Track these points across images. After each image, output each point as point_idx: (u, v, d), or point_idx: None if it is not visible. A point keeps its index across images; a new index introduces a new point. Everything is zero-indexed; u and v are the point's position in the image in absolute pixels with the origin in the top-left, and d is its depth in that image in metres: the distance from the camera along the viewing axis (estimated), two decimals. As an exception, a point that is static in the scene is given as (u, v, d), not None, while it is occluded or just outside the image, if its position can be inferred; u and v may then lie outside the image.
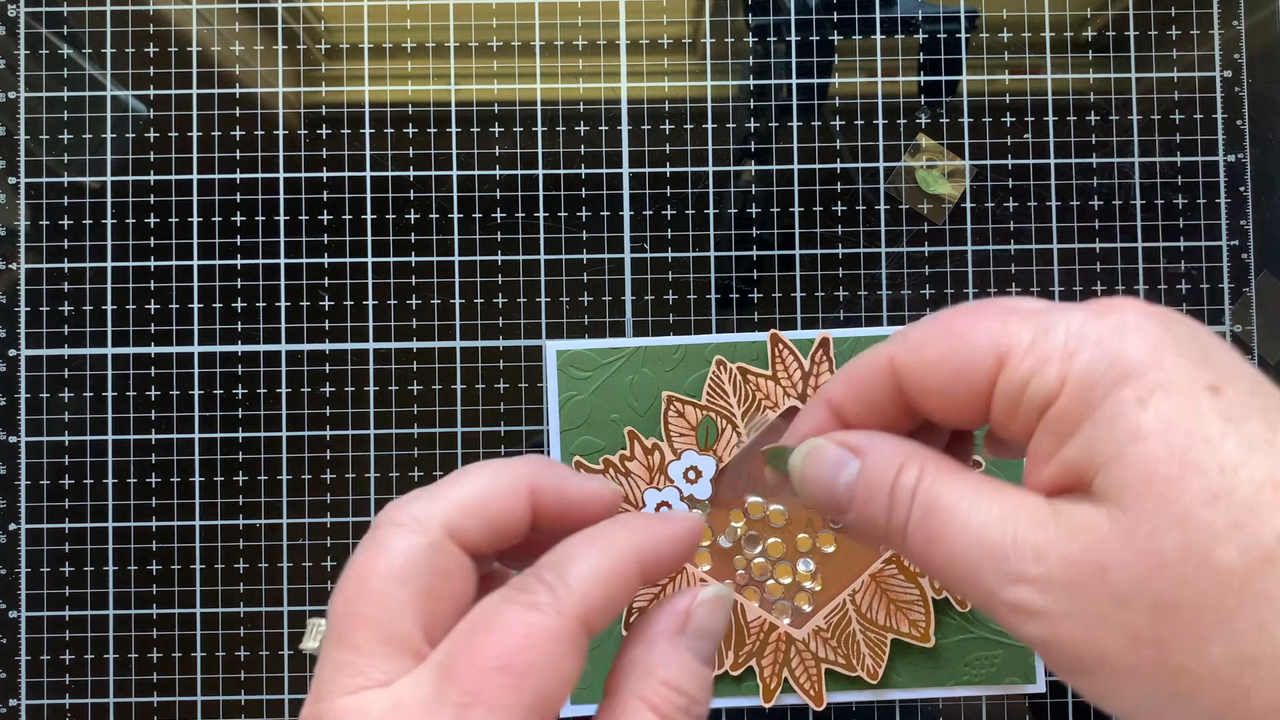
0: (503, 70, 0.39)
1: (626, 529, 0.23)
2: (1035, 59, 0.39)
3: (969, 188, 0.39)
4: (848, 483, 0.23)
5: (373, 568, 0.22)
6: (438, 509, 0.22)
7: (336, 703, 0.20)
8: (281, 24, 0.39)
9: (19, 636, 0.38)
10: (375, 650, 0.21)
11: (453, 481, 0.23)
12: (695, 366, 0.37)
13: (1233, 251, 0.39)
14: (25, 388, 0.38)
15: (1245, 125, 0.39)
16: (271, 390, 0.38)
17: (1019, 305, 0.22)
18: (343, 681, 0.21)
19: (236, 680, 0.38)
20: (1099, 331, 0.20)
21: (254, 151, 0.39)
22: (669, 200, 0.39)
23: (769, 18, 0.39)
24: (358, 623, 0.21)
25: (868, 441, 0.23)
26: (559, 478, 0.24)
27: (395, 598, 0.21)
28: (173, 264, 0.39)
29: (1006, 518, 0.21)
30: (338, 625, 0.21)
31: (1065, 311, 0.21)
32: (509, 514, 0.23)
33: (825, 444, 0.24)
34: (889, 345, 0.24)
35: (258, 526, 0.38)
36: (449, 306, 0.38)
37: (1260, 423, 0.19)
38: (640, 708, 0.23)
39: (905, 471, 0.22)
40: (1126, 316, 0.20)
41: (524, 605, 0.21)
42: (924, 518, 0.22)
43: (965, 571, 0.21)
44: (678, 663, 0.24)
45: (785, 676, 0.36)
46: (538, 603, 0.21)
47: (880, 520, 0.23)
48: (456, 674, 0.20)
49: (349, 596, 0.21)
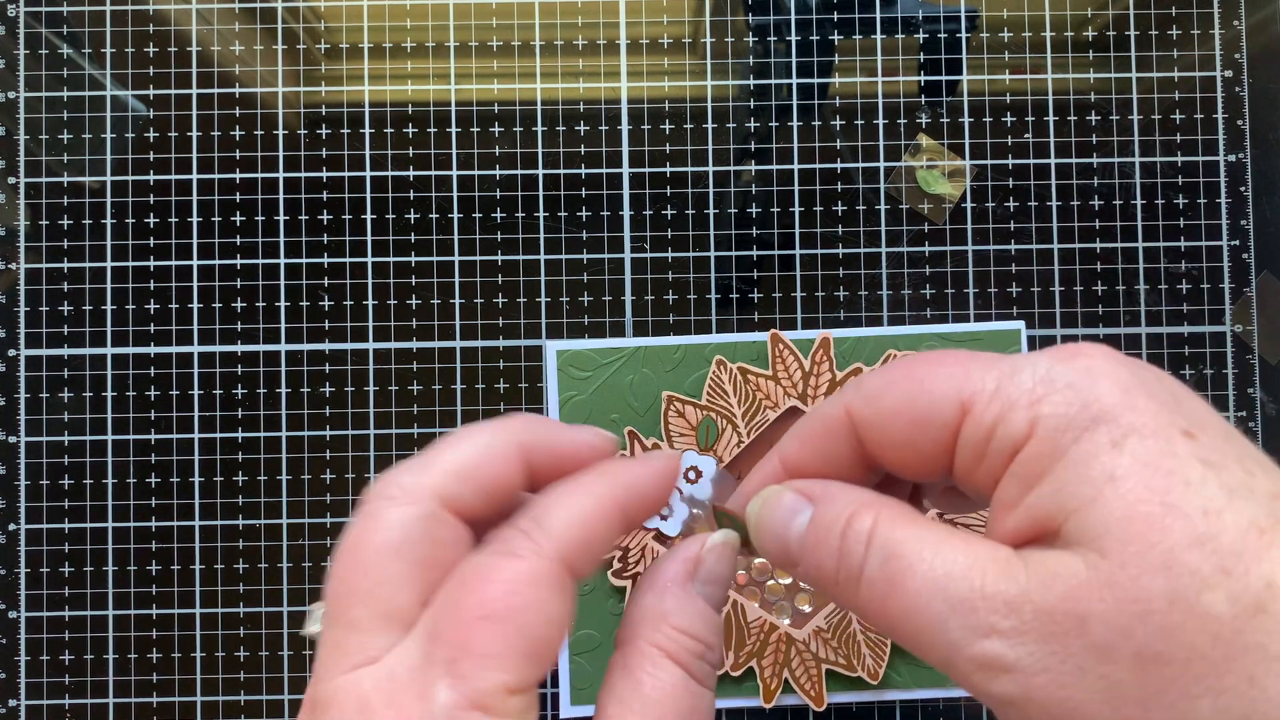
0: (503, 70, 0.39)
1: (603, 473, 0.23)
2: (1035, 59, 0.39)
3: (969, 188, 0.39)
4: (799, 531, 0.22)
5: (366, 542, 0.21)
6: (428, 478, 0.22)
7: (332, 683, 0.20)
8: (281, 24, 0.39)
9: (19, 636, 0.38)
10: (372, 627, 0.20)
11: (441, 449, 0.22)
12: (695, 366, 0.37)
13: (1233, 251, 0.39)
14: (25, 388, 0.38)
15: (1245, 125, 0.39)
16: (271, 390, 0.38)
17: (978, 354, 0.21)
18: (339, 661, 0.20)
19: (236, 680, 0.38)
20: (1068, 376, 0.20)
21: (254, 151, 0.39)
22: (669, 200, 0.39)
23: (769, 18, 0.39)
24: (354, 600, 0.21)
25: (823, 489, 0.23)
26: (549, 433, 0.24)
27: (391, 572, 0.21)
28: (173, 264, 0.39)
29: (973, 567, 0.19)
30: (334, 604, 0.21)
31: (1030, 357, 0.21)
32: (501, 476, 0.23)
33: (781, 491, 0.23)
34: (844, 395, 0.23)
35: (258, 526, 0.38)
36: (449, 306, 0.38)
37: (1237, 468, 0.18)
38: (656, 654, 0.23)
39: (859, 518, 0.21)
40: (1095, 362, 0.20)
41: (503, 555, 0.21)
42: (882, 566, 0.21)
43: (928, 623, 0.19)
44: (691, 609, 0.23)
45: (786, 677, 0.36)
46: (516, 549, 0.21)
47: (830, 568, 0.22)
48: (442, 633, 0.20)
49: (344, 574, 0.21)
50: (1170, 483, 0.18)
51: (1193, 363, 0.39)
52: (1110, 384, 0.19)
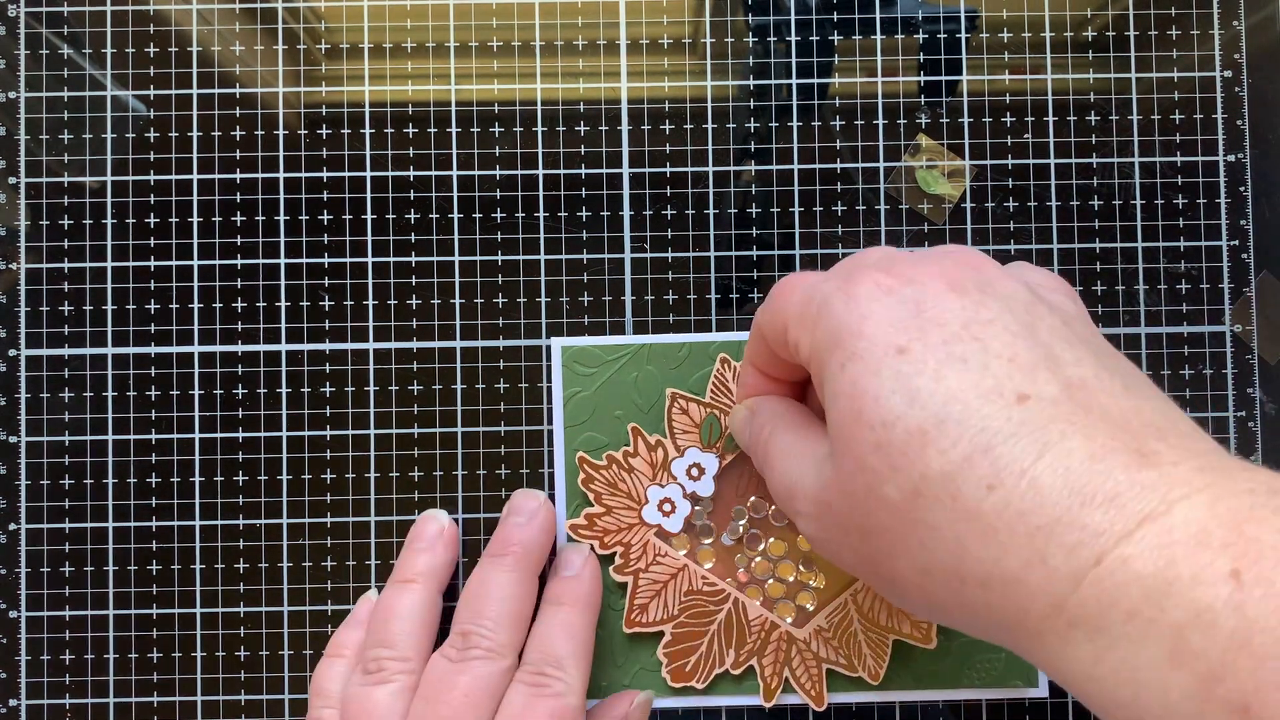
0: (503, 70, 0.39)
1: (579, 609, 0.34)
2: (1035, 59, 0.39)
3: (969, 188, 0.39)
4: (743, 433, 0.32)
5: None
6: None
7: None
8: (281, 24, 0.39)
9: (19, 636, 0.38)
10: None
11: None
12: (700, 364, 0.37)
13: (1233, 251, 0.39)
14: (25, 388, 0.38)
15: (1245, 125, 0.39)
16: (271, 390, 0.38)
17: (805, 278, 0.27)
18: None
19: (236, 680, 0.38)
20: (835, 305, 0.25)
21: (254, 151, 0.39)
22: (669, 200, 0.39)
23: (769, 18, 0.39)
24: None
25: (758, 404, 0.31)
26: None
27: None
28: (173, 264, 0.39)
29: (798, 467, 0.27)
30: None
31: (825, 283, 0.26)
32: None
33: (738, 408, 0.33)
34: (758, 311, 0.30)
35: (258, 526, 0.38)
36: (449, 306, 0.38)
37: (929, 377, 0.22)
38: None
39: (763, 428, 0.30)
40: (858, 289, 0.25)
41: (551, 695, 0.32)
42: (763, 461, 0.30)
43: (778, 499, 0.28)
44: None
45: (786, 676, 0.36)
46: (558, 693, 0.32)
47: (754, 457, 0.31)
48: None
49: None
50: (863, 402, 0.23)
51: (1192, 363, 0.39)
52: (857, 313, 0.24)
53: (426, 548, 0.36)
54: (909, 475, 0.22)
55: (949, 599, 0.23)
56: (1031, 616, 0.21)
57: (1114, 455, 0.20)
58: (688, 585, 0.36)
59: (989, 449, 0.21)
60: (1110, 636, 0.19)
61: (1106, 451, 0.21)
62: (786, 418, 0.29)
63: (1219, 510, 0.19)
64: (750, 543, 0.36)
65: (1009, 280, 0.25)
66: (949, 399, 0.22)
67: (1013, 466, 0.21)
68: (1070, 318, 0.25)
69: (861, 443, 0.23)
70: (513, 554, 0.34)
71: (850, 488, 0.24)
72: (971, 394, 0.22)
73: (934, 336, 0.23)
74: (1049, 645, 0.21)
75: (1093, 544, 0.20)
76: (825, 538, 0.26)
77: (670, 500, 0.36)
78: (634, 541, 0.36)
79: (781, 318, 0.27)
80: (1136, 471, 0.20)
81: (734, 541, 0.36)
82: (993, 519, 0.21)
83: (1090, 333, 0.25)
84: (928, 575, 0.23)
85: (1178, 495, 0.19)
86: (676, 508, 0.36)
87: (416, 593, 0.35)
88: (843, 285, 0.25)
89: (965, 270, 0.25)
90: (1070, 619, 0.20)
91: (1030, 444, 0.21)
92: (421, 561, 0.36)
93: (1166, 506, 0.19)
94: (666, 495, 0.36)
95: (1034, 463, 0.21)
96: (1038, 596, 0.20)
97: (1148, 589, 0.19)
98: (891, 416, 0.22)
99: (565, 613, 0.34)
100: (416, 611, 0.34)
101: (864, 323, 0.24)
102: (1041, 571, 0.20)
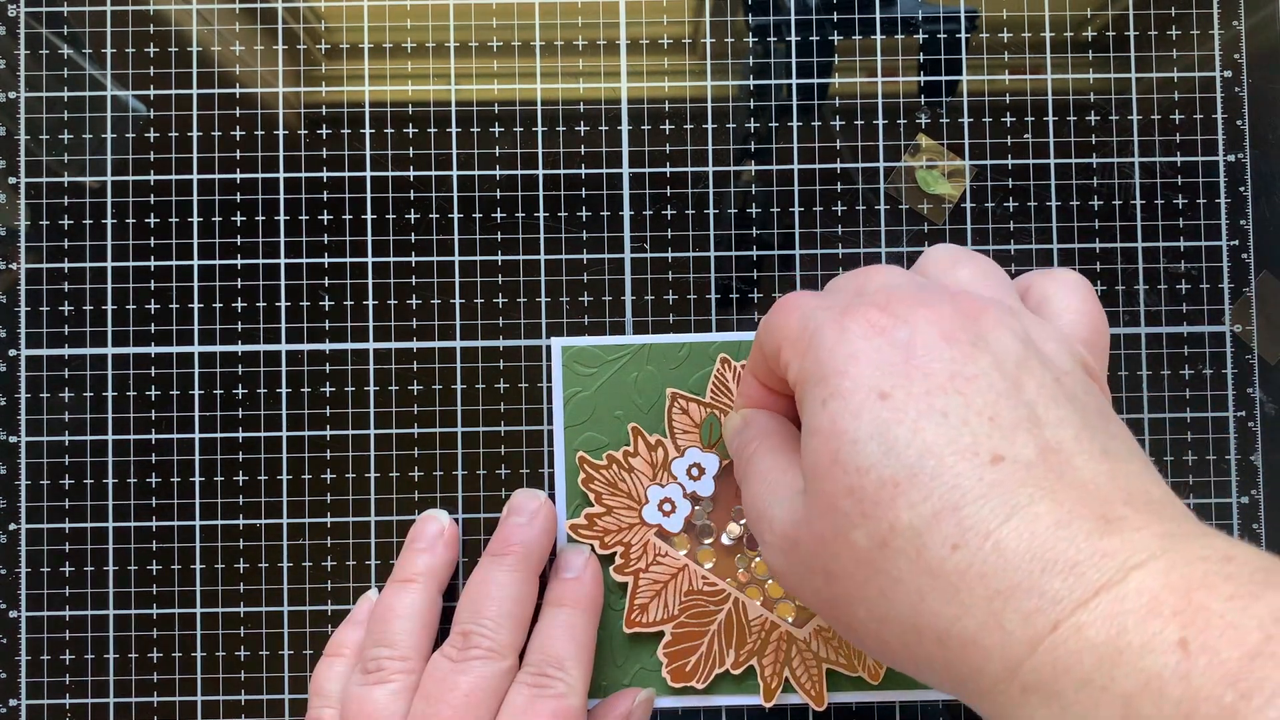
0: (503, 70, 0.39)
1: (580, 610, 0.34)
2: (1035, 59, 0.39)
3: (969, 188, 0.39)
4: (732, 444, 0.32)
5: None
6: None
7: None
8: (281, 24, 0.39)
9: (19, 636, 0.38)
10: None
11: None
12: (700, 364, 0.37)
13: (1233, 251, 0.39)
14: (25, 388, 0.38)
15: (1245, 125, 0.39)
16: (271, 390, 0.38)
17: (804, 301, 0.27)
18: None
19: (236, 680, 0.38)
20: (825, 334, 0.25)
21: (254, 151, 0.39)
22: (669, 200, 0.39)
23: (769, 18, 0.39)
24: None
25: (752, 416, 0.31)
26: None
27: None
28: (173, 264, 0.39)
29: (772, 496, 0.27)
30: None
31: (822, 310, 0.26)
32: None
33: (734, 415, 0.32)
34: None
35: (258, 526, 0.38)
36: (449, 306, 0.38)
37: (908, 427, 0.22)
38: None
39: (748, 445, 0.30)
40: (852, 324, 0.25)
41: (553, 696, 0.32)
42: (742, 478, 0.30)
43: (749, 520, 0.28)
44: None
45: (786, 676, 0.36)
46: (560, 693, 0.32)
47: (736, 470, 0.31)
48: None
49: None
50: (841, 443, 0.23)
51: (1192, 363, 0.39)
52: (845, 351, 0.24)
53: (426, 548, 0.36)
54: (878, 524, 0.22)
55: (904, 650, 0.23)
56: (986, 677, 0.21)
57: (1079, 521, 0.21)
58: (688, 585, 0.36)
59: (957, 508, 0.21)
60: (1063, 703, 0.19)
61: (1072, 518, 0.21)
62: (773, 439, 0.29)
63: (1172, 578, 0.19)
64: (750, 543, 0.36)
65: (1004, 333, 0.24)
66: (924, 453, 0.22)
67: (979, 528, 0.21)
68: (1064, 373, 0.24)
69: (835, 485, 0.23)
70: (513, 554, 0.34)
71: (819, 528, 0.24)
72: (947, 450, 0.22)
73: (918, 386, 0.23)
74: (1001, 707, 0.21)
75: (1050, 611, 0.20)
76: (788, 572, 0.26)
77: (670, 500, 0.36)
78: (634, 541, 0.36)
79: (777, 337, 0.27)
80: (1099, 539, 0.20)
81: (734, 541, 0.36)
82: (954, 579, 0.21)
83: (1082, 388, 0.24)
84: (885, 624, 0.23)
85: (1135, 563, 0.20)
86: (677, 508, 0.36)
87: (416, 593, 0.35)
88: (838, 317, 0.25)
89: (961, 319, 0.24)
90: (1024, 684, 0.20)
91: (999, 507, 0.21)
92: (421, 561, 0.36)
93: (1123, 575, 0.20)
94: (667, 495, 0.36)
95: (1000, 526, 0.21)
96: (993, 659, 0.20)
97: (1100, 657, 0.19)
98: (866, 463, 0.22)
99: (567, 614, 0.34)
100: (416, 611, 0.34)
101: (850, 362, 0.24)
102: (998, 635, 0.20)
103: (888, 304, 0.25)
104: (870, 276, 0.28)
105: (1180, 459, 0.38)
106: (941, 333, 0.24)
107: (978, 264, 0.28)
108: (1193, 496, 0.38)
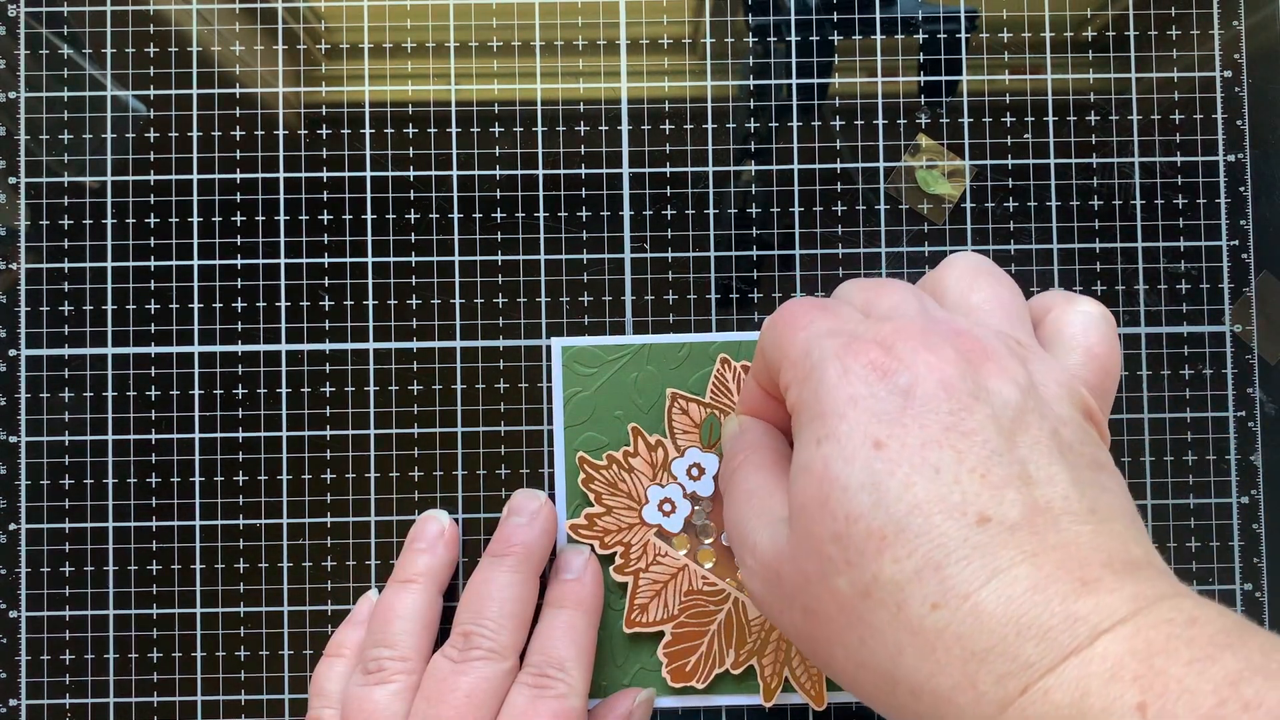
0: (503, 70, 0.39)
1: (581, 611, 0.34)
2: (1035, 59, 0.39)
3: (969, 188, 0.39)
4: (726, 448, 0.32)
5: None
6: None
7: None
8: (281, 24, 0.39)
9: (19, 636, 0.38)
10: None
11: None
12: (700, 364, 0.37)
13: (1233, 251, 0.39)
14: (25, 388, 0.38)
15: (1245, 125, 0.39)
16: (271, 390, 0.38)
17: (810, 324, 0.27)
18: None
19: (236, 680, 0.38)
20: (828, 370, 0.25)
21: (254, 151, 0.39)
22: (669, 200, 0.39)
23: (769, 18, 0.39)
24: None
25: (749, 424, 0.31)
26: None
27: None
28: (173, 264, 0.39)
29: (756, 519, 0.27)
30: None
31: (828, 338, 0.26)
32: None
33: (731, 419, 0.33)
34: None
35: (258, 526, 0.38)
36: (449, 306, 0.38)
37: (900, 480, 0.22)
38: None
39: (736, 457, 0.30)
40: (855, 363, 0.24)
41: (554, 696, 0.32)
42: (726, 489, 0.30)
43: (729, 536, 0.29)
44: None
45: (786, 676, 0.36)
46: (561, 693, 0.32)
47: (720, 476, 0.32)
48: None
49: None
50: (831, 489, 0.23)
51: (1192, 363, 0.39)
52: (845, 393, 0.24)
53: (427, 548, 0.36)
54: (862, 573, 0.22)
55: (877, 694, 0.23)
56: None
57: (1055, 585, 0.21)
58: (688, 585, 0.36)
59: (940, 567, 0.22)
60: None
61: (1050, 582, 0.21)
62: (762, 454, 0.29)
63: (1136, 643, 0.20)
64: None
65: (1005, 382, 0.24)
66: (913, 509, 0.22)
67: (960, 589, 0.21)
68: (1062, 423, 0.24)
69: (823, 529, 0.23)
70: (514, 554, 0.34)
71: (804, 567, 0.24)
72: (935, 509, 0.22)
73: (913, 437, 0.23)
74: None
75: (1021, 675, 0.20)
76: (768, 601, 0.26)
77: (670, 500, 0.36)
78: (634, 541, 0.36)
79: (779, 355, 0.27)
80: (1074, 601, 0.21)
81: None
82: (932, 637, 0.21)
83: (1079, 437, 0.24)
84: (862, 669, 0.23)
85: (1104, 628, 0.20)
86: (677, 508, 0.36)
87: (417, 593, 0.35)
88: (841, 353, 0.25)
89: (963, 366, 0.24)
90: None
91: (980, 568, 0.21)
92: (422, 562, 0.36)
93: (1091, 639, 0.20)
94: (667, 495, 0.36)
95: (980, 588, 0.21)
96: (965, 716, 0.21)
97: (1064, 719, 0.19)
98: (856, 512, 0.23)
99: (567, 615, 0.34)
100: (417, 612, 0.34)
101: (849, 406, 0.24)
102: (971, 694, 0.21)
103: (892, 344, 0.25)
104: (880, 294, 0.28)
105: (1180, 459, 0.38)
106: (941, 380, 0.24)
107: (995, 288, 0.28)
108: (1193, 496, 0.38)
